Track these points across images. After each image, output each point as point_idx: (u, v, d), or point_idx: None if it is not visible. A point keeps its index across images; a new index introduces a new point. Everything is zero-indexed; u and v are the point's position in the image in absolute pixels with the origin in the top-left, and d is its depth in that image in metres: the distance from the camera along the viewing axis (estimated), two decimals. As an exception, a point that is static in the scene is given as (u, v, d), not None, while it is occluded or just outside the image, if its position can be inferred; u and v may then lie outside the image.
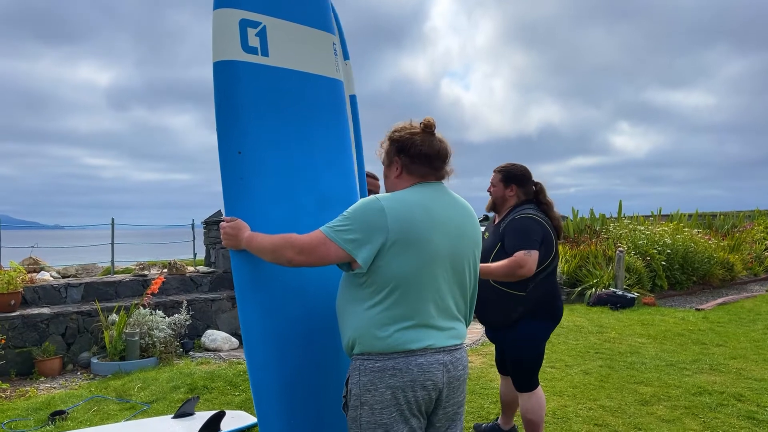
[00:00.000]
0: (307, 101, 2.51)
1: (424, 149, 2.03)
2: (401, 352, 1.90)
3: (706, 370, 5.47)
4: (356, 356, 1.97)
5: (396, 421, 1.91)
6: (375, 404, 1.90)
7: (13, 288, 6.10)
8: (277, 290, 2.33)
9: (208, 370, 5.57)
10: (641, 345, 6.52)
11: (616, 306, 8.93)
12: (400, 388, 1.89)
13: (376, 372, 1.90)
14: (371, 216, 1.89)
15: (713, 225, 16.35)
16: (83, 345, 6.31)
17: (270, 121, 2.43)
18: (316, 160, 2.50)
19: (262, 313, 2.32)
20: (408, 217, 1.91)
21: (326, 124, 2.56)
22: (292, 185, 2.45)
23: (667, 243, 11.21)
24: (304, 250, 1.94)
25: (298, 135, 2.48)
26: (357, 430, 1.94)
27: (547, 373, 5.40)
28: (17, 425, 4.30)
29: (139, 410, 4.54)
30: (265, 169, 2.39)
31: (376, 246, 1.87)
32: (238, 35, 2.36)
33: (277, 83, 2.44)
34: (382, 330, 1.90)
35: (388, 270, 1.88)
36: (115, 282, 7.16)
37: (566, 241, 12.07)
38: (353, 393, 1.94)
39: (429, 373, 1.91)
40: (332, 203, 2.45)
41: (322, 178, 2.50)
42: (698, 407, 4.40)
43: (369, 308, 1.92)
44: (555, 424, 4.09)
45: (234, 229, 2.17)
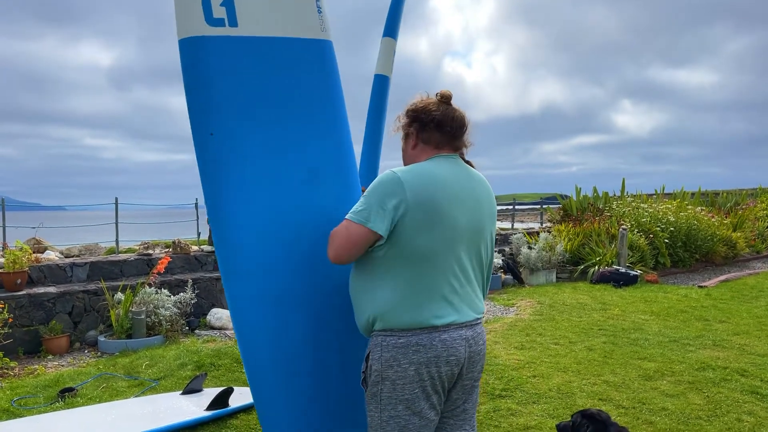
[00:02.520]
0: (287, 69, 2.32)
1: (438, 116, 2.02)
2: (425, 328, 1.90)
3: (709, 345, 5.50)
4: (377, 332, 1.96)
5: (417, 397, 1.92)
6: (397, 380, 1.90)
7: (19, 267, 6.12)
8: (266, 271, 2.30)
9: (214, 348, 5.61)
10: (644, 321, 6.55)
11: (619, 283, 8.97)
12: (424, 364, 1.90)
13: (399, 348, 1.90)
14: (388, 186, 1.89)
15: (716, 203, 16.34)
16: (90, 323, 6.35)
17: (245, 98, 2.28)
18: (303, 132, 2.33)
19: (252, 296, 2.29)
20: (426, 187, 1.90)
21: (312, 92, 2.36)
22: (275, 163, 2.31)
23: (671, 221, 11.21)
24: (336, 246, 1.93)
25: (279, 108, 2.31)
26: (376, 405, 1.95)
27: (552, 349, 5.44)
28: (27, 402, 4.34)
29: (147, 387, 4.58)
30: (242, 149, 2.26)
31: (396, 214, 1.86)
32: (201, 8, 2.19)
33: (249, 55, 2.26)
34: (405, 306, 1.90)
35: (409, 243, 1.88)
36: (120, 261, 7.19)
37: (569, 219, 12.07)
38: (374, 369, 1.94)
39: (452, 348, 1.92)
40: (323, 175, 2.33)
41: (310, 150, 2.34)
42: (702, 382, 4.43)
43: (390, 285, 1.92)
44: (560, 399, 4.13)
45: None
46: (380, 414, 1.94)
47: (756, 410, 3.88)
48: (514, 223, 15.43)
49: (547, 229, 12.16)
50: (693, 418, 3.76)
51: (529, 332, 6.14)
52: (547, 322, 6.59)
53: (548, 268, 9.88)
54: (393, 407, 1.92)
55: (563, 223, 11.69)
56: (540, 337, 5.94)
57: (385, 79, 3.03)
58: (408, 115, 2.09)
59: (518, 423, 3.73)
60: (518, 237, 10.83)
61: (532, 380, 4.55)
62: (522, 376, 4.64)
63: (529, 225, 16.72)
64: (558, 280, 10.00)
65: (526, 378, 4.59)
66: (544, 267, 9.84)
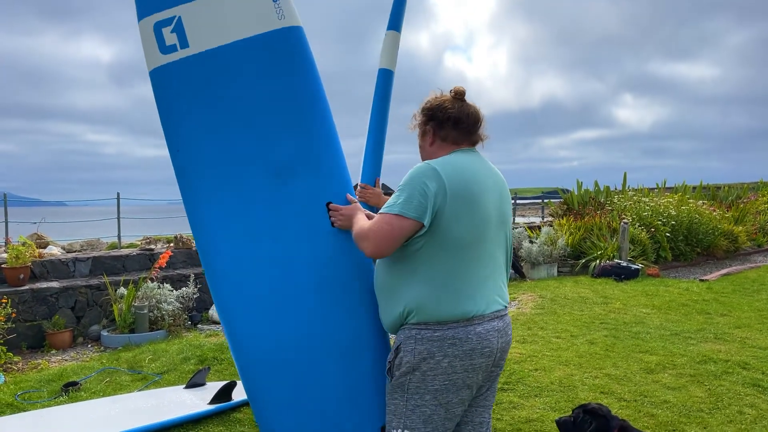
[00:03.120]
0: (245, 72, 2.32)
1: (454, 113, 2.06)
2: (461, 320, 1.92)
3: (710, 339, 5.51)
4: (411, 325, 1.97)
5: (447, 389, 1.93)
6: (428, 371, 1.92)
7: (21, 262, 6.15)
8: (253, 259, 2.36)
9: (217, 342, 5.63)
10: (646, 315, 6.56)
11: (620, 277, 8.97)
12: (459, 357, 1.92)
13: (434, 341, 1.91)
14: (425, 177, 1.91)
15: (717, 197, 16.34)
16: (93, 318, 6.38)
17: (201, 111, 2.37)
18: (266, 131, 2.32)
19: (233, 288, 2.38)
20: (460, 176, 1.94)
21: (273, 88, 2.31)
22: (238, 168, 2.35)
23: (672, 215, 11.21)
24: (377, 240, 1.91)
25: (237, 113, 2.34)
26: (402, 394, 1.96)
27: (553, 343, 5.46)
28: (31, 396, 4.36)
29: (151, 381, 4.61)
30: (202, 159, 2.36)
31: (436, 203, 1.89)
32: (155, 41, 2.33)
33: (201, 70, 2.34)
34: (442, 298, 1.92)
35: (448, 233, 1.90)
36: (122, 256, 7.21)
37: (571, 213, 12.08)
38: (405, 360, 1.95)
39: (486, 341, 1.95)
40: (294, 169, 2.31)
41: (277, 147, 2.32)
42: (703, 375, 4.44)
43: (427, 277, 1.93)
44: (562, 392, 4.14)
45: (351, 210, 2.21)
46: (406, 403, 1.95)
47: (757, 403, 3.89)
48: (515, 217, 15.45)
49: (548, 223, 12.17)
50: (695, 411, 3.77)
51: (530, 326, 6.15)
52: (549, 316, 6.60)
53: (550, 262, 9.90)
54: (420, 397, 1.93)
55: (565, 217, 11.69)
56: (542, 330, 5.95)
57: (389, 73, 3.02)
58: (424, 113, 2.12)
59: (520, 416, 3.74)
60: (520, 231, 10.84)
61: (534, 374, 4.56)
62: (524, 369, 4.65)
63: (530, 219, 16.73)
64: (559, 274, 10.01)
65: (528, 371, 4.60)
66: (546, 261, 9.85)
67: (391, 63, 3.02)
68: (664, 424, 3.57)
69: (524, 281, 9.46)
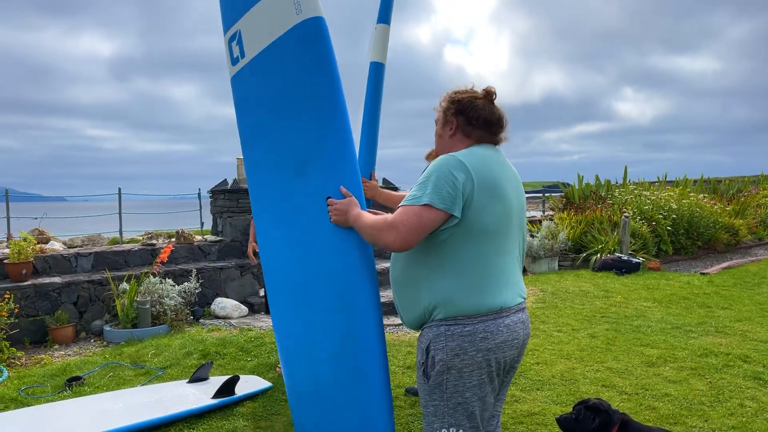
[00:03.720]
0: (273, 72, 2.41)
1: (485, 114, 2.06)
2: (490, 313, 1.92)
3: (711, 332, 5.53)
4: (439, 322, 1.94)
5: (484, 383, 1.94)
6: (464, 368, 1.91)
7: (24, 258, 6.15)
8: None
9: (219, 337, 5.65)
10: (647, 309, 6.58)
11: (621, 271, 8.98)
12: (492, 351, 1.91)
13: (465, 336, 1.90)
14: (453, 168, 1.90)
15: (718, 190, 16.32)
16: (95, 313, 6.39)
17: (251, 114, 2.56)
18: (291, 126, 2.40)
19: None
20: (486, 167, 1.95)
21: (296, 83, 2.36)
22: (272, 164, 2.49)
23: (673, 208, 11.20)
24: (404, 231, 1.87)
25: (273, 111, 2.46)
26: (441, 394, 1.93)
27: (555, 336, 5.47)
28: (34, 391, 4.38)
29: (154, 375, 4.62)
30: (253, 158, 2.60)
31: (465, 193, 1.88)
32: (229, 54, 2.56)
33: (252, 75, 2.50)
34: (469, 291, 1.91)
35: (475, 224, 1.89)
36: (124, 251, 7.21)
37: (571, 207, 12.08)
38: (438, 359, 1.92)
39: (515, 332, 1.96)
40: (311, 165, 2.35)
41: (299, 142, 2.38)
42: (704, 368, 4.46)
43: (454, 269, 1.92)
44: (563, 386, 4.16)
45: (345, 205, 2.20)
46: (446, 403, 1.93)
47: (758, 396, 3.90)
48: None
49: (549, 217, 12.16)
50: (696, 404, 3.78)
51: (532, 320, 6.15)
52: (550, 310, 6.61)
53: (550, 256, 9.90)
54: (460, 395, 1.92)
55: (565, 211, 11.69)
56: (543, 324, 5.97)
57: (381, 66, 3.04)
58: (454, 105, 2.10)
59: (522, 409, 3.76)
60: (520, 225, 10.83)
61: (536, 367, 4.58)
62: (525, 363, 4.67)
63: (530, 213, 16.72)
64: (560, 268, 10.02)
65: (530, 365, 4.62)
66: (547, 255, 9.85)
67: (383, 56, 3.05)
68: (666, 417, 3.59)
69: (525, 275, 9.48)
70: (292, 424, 3.65)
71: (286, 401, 4.00)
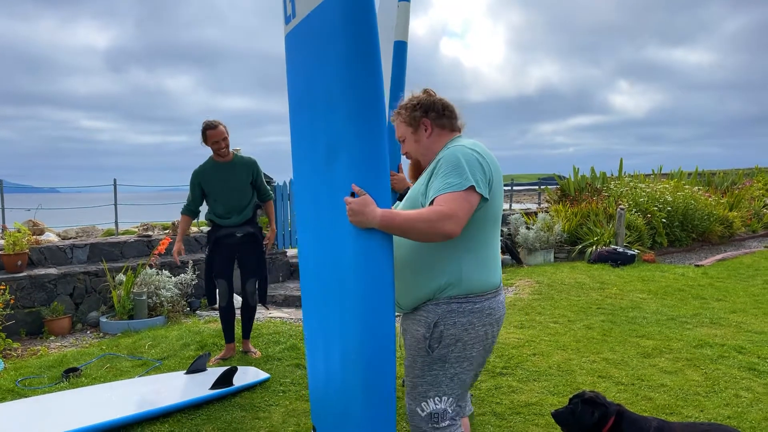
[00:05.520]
0: (323, 37, 2.09)
1: (443, 103, 2.20)
2: (492, 291, 2.10)
3: (706, 323, 5.56)
4: (449, 299, 2.05)
5: (479, 354, 2.11)
6: (469, 341, 2.06)
7: (19, 249, 6.12)
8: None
9: (216, 328, 5.64)
10: (642, 300, 6.61)
11: (616, 263, 9.02)
12: (491, 325, 2.09)
13: (475, 313, 2.05)
14: (471, 157, 1.99)
15: (713, 183, 16.38)
16: (91, 305, 6.37)
17: (292, 84, 2.46)
18: (325, 109, 2.16)
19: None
20: (490, 156, 2.08)
21: (335, 58, 2.04)
22: (305, 145, 2.40)
23: (668, 200, 11.25)
24: (462, 219, 1.90)
25: (309, 88, 2.29)
26: (441, 365, 2.07)
27: (551, 328, 5.50)
28: (31, 382, 4.37)
29: (151, 367, 4.62)
30: (293, 135, 2.50)
31: (488, 179, 2.00)
32: (283, 10, 2.42)
33: (297, 41, 2.35)
34: (485, 270, 2.07)
35: (489, 209, 2.03)
36: (120, 243, 7.19)
37: (567, 199, 12.10)
38: (449, 333, 2.04)
39: (504, 308, 2.18)
40: (340, 151, 2.11)
41: (331, 125, 2.13)
42: (699, 359, 4.49)
43: (466, 250, 2.03)
44: (560, 376, 4.18)
45: (360, 204, 1.96)
46: (445, 372, 2.07)
47: (753, 386, 3.94)
48: (512, 203, 15.45)
49: (545, 209, 12.19)
50: (691, 394, 3.81)
51: (528, 311, 6.19)
52: (546, 302, 6.64)
53: (546, 248, 9.93)
54: (459, 365, 2.07)
55: (561, 203, 11.72)
56: (539, 316, 6.00)
57: (404, 45, 3.04)
58: (417, 108, 2.18)
59: (519, 400, 3.78)
60: (516, 217, 10.86)
61: (533, 358, 4.60)
62: (522, 354, 4.69)
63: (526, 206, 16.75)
64: (556, 260, 10.05)
65: (527, 356, 4.64)
66: (542, 247, 9.88)
67: (405, 34, 3.05)
68: (662, 407, 3.62)
69: (521, 267, 9.50)
70: (289, 414, 3.67)
71: (284, 392, 4.02)
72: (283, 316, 6.42)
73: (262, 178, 4.85)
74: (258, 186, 4.81)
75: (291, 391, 4.05)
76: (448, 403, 2.08)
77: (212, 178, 4.62)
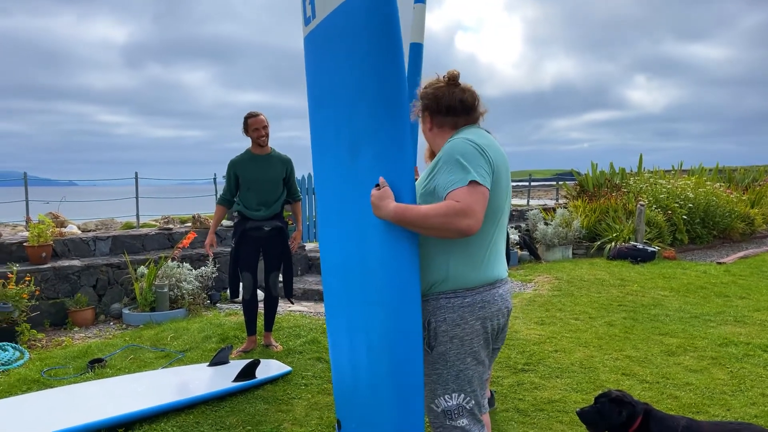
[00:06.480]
0: (346, 35, 2.11)
1: (445, 101, 2.10)
2: (487, 285, 2.03)
3: (730, 322, 5.50)
4: (437, 295, 2.03)
5: (482, 348, 2.05)
6: (465, 336, 2.01)
7: (43, 240, 6.20)
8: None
9: (237, 321, 5.68)
10: (664, 297, 6.55)
11: (636, 260, 8.94)
12: (488, 318, 2.03)
13: (465, 307, 2.00)
14: (475, 149, 1.92)
15: (733, 179, 16.16)
16: (114, 296, 6.44)
17: (311, 82, 2.44)
18: (349, 105, 2.16)
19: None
20: (492, 148, 2.00)
21: (358, 55, 2.04)
22: (327, 141, 2.40)
23: (689, 197, 11.11)
24: (480, 212, 1.83)
25: (331, 84, 2.27)
26: (444, 363, 2.03)
27: (572, 324, 5.46)
28: (56, 372, 4.43)
29: (174, 358, 4.66)
30: (312, 131, 2.49)
31: (491, 170, 1.94)
32: (302, 12, 2.40)
33: (318, 40, 2.34)
34: (476, 265, 2.01)
35: (490, 202, 1.94)
36: (141, 235, 7.26)
37: (585, 195, 12.00)
38: (441, 330, 2.01)
39: (506, 301, 2.10)
40: (361, 143, 2.12)
41: (354, 122, 2.14)
42: (725, 358, 4.44)
43: (461, 247, 1.99)
44: (583, 373, 4.16)
45: (377, 197, 1.98)
46: (449, 370, 2.03)
47: (780, 386, 3.89)
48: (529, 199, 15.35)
49: (563, 205, 12.10)
50: (718, 393, 3.77)
51: (548, 307, 6.15)
52: (566, 298, 6.60)
53: (564, 244, 9.86)
54: (462, 361, 2.02)
55: (580, 199, 11.62)
56: (559, 312, 5.96)
57: (420, 46, 3.03)
58: (421, 101, 2.16)
59: (542, 397, 3.76)
60: (534, 213, 10.79)
61: (554, 355, 4.57)
62: (543, 350, 4.67)
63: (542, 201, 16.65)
64: (574, 256, 9.98)
65: (548, 352, 4.62)
66: (561, 243, 9.82)
67: (421, 36, 3.04)
68: (688, 405, 3.58)
69: (539, 263, 9.45)
70: (312, 407, 3.69)
71: (306, 385, 4.04)
72: (303, 310, 6.45)
73: (295, 177, 4.94)
74: (290, 184, 4.91)
75: (313, 384, 4.07)
76: (459, 399, 2.04)
77: (248, 169, 4.72)
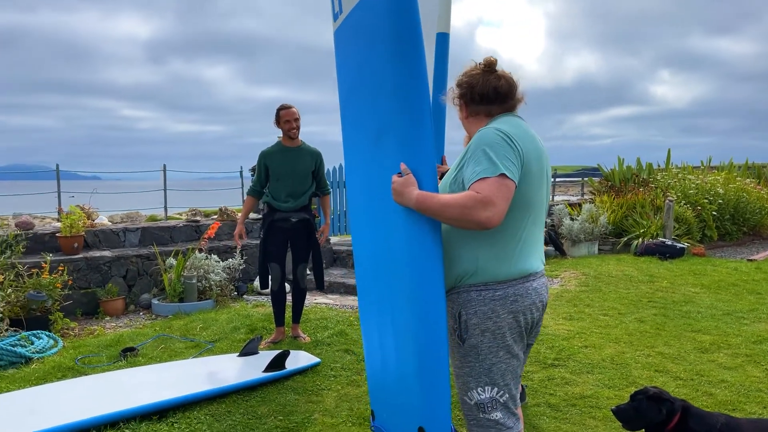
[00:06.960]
0: (369, 26, 2.12)
1: (479, 89, 2.06)
2: (520, 278, 1.99)
3: (764, 319, 5.39)
4: (468, 287, 1.99)
5: (516, 341, 2.02)
6: (497, 329, 1.98)
7: (75, 231, 6.31)
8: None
9: (265, 313, 5.72)
10: (695, 294, 6.44)
11: (664, 256, 8.80)
12: (521, 312, 1.99)
13: (497, 300, 1.96)
14: (504, 140, 1.88)
15: (763, 175, 15.82)
16: (143, 287, 6.54)
17: (341, 74, 2.44)
18: (374, 94, 2.18)
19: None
20: (525, 138, 1.95)
21: (381, 47, 2.06)
22: (355, 130, 2.40)
23: (719, 193, 10.91)
24: (503, 204, 1.79)
25: (358, 75, 2.29)
26: (476, 356, 2.00)
27: (601, 320, 5.40)
28: (90, 360, 4.51)
29: (204, 348, 4.71)
30: (343, 121, 2.48)
31: (520, 164, 1.89)
32: (331, 8, 2.41)
33: (348, 32, 2.35)
34: (507, 258, 1.97)
35: (519, 194, 1.89)
36: (169, 227, 7.35)
37: (612, 190, 11.85)
38: (472, 323, 1.99)
39: (540, 295, 2.05)
40: (387, 135, 2.12)
41: (379, 110, 2.14)
42: (759, 355, 4.35)
43: (488, 238, 1.94)
44: (614, 369, 4.11)
45: (400, 185, 1.95)
46: (481, 363, 2.00)
47: (819, 385, 3.80)
48: (554, 195, 15.21)
49: (589, 200, 11.96)
50: (753, 391, 3.70)
51: (576, 303, 6.09)
52: (594, 294, 6.53)
53: (590, 239, 9.75)
54: (494, 355, 2.00)
55: (606, 194, 11.48)
56: (588, 308, 5.90)
57: (446, 36, 3.01)
58: (456, 89, 2.14)
59: (574, 392, 3.73)
60: (560, 208, 10.69)
61: (584, 350, 4.53)
62: (573, 346, 4.63)
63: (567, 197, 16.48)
64: (600, 251, 9.87)
65: (578, 348, 4.57)
66: (587, 239, 9.71)
67: (447, 26, 3.02)
68: (724, 403, 3.52)
69: (565, 258, 9.36)
70: (342, 398, 3.70)
71: (335, 377, 4.06)
72: (329, 302, 6.47)
73: (324, 170, 4.94)
74: (319, 177, 4.93)
75: (342, 376, 4.08)
76: (492, 393, 2.01)
77: (278, 160, 4.75)
